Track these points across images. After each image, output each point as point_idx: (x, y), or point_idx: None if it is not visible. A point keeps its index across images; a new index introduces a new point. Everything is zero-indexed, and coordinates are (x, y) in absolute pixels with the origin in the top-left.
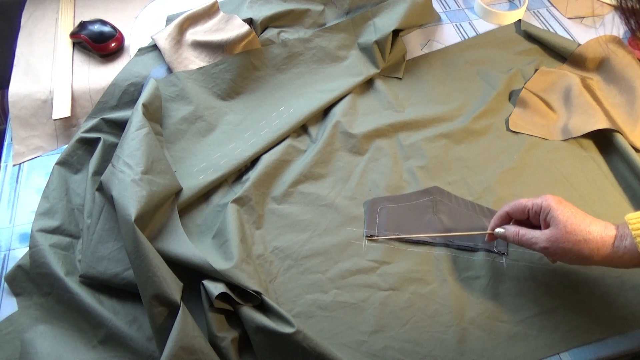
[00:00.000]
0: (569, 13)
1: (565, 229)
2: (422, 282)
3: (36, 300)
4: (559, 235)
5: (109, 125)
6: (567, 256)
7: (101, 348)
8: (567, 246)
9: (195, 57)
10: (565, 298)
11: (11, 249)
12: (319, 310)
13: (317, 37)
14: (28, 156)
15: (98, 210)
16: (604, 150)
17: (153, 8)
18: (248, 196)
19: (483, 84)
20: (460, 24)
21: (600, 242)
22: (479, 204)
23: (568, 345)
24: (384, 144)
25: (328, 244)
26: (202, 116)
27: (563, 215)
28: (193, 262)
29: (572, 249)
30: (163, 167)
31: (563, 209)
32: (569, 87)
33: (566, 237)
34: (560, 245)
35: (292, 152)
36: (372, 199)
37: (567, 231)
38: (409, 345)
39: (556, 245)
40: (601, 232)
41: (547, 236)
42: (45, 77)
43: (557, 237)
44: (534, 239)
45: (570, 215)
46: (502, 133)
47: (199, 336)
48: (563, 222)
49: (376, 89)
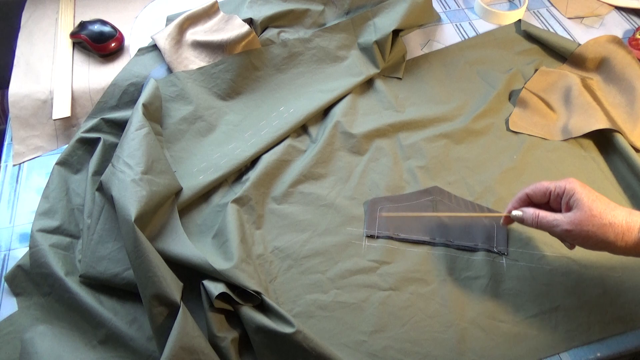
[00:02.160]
0: (569, 13)
1: (590, 212)
2: (422, 282)
3: (36, 300)
4: (583, 218)
5: (109, 125)
6: (589, 240)
7: (101, 348)
8: (591, 229)
9: (195, 57)
10: (565, 298)
11: (11, 249)
12: (319, 310)
13: (317, 37)
14: (28, 156)
15: (98, 210)
16: (604, 150)
17: (153, 8)
18: (248, 196)
19: (483, 84)
20: (460, 24)
21: (625, 227)
22: (479, 204)
23: (568, 345)
24: (384, 144)
25: (328, 244)
26: (202, 116)
27: (588, 198)
28: (193, 262)
29: (597, 233)
30: (163, 167)
31: (588, 192)
32: (569, 87)
33: (591, 220)
34: (584, 228)
35: (292, 152)
36: (372, 199)
37: (592, 214)
38: (409, 345)
39: (580, 228)
40: (626, 217)
41: (570, 219)
42: (45, 77)
43: (582, 219)
44: (555, 221)
45: (595, 198)
46: (502, 133)
47: (199, 336)
48: (588, 205)
49: (376, 89)
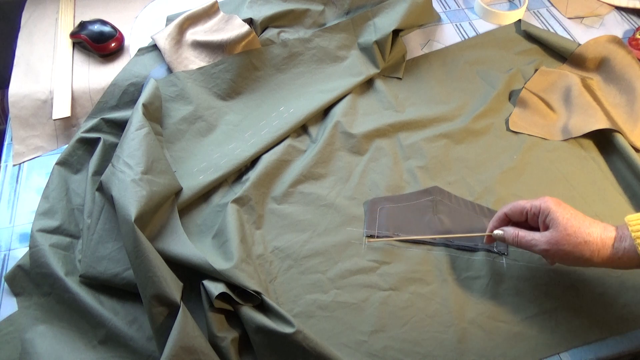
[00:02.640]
0: (569, 13)
1: (565, 231)
2: (422, 282)
3: (36, 300)
4: (559, 237)
5: (109, 125)
6: (567, 258)
7: (101, 348)
8: (567, 248)
9: (195, 57)
10: (565, 298)
11: (11, 249)
12: (319, 310)
13: (317, 37)
14: (28, 156)
15: (98, 210)
16: (604, 150)
17: (153, 8)
18: (248, 196)
19: (483, 84)
20: (460, 24)
21: (600, 243)
22: (479, 204)
23: (568, 345)
24: (384, 144)
25: (328, 244)
26: (202, 116)
27: (563, 218)
28: (193, 262)
29: (573, 251)
30: (163, 167)
31: (562, 210)
32: (569, 87)
33: (566, 239)
34: (560, 247)
35: (292, 152)
36: (372, 199)
37: (567, 233)
38: (409, 345)
39: (557, 247)
40: (601, 233)
41: (547, 238)
42: (45, 77)
43: (558, 239)
44: (534, 241)
45: (570, 217)
46: (502, 133)
47: (199, 336)
48: (563, 225)
49: (376, 89)
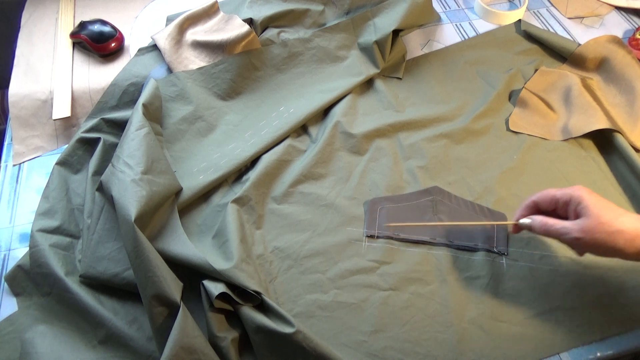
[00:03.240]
0: (569, 13)
1: (598, 219)
2: (422, 282)
3: (36, 300)
4: (592, 225)
5: (109, 125)
6: (599, 248)
7: (101, 348)
8: (601, 237)
9: (195, 57)
10: (565, 298)
11: (11, 249)
12: (319, 310)
13: (317, 37)
14: (28, 156)
15: (98, 210)
16: (604, 150)
17: (153, 8)
18: (248, 196)
19: (483, 84)
20: (460, 24)
21: (634, 233)
22: (479, 204)
23: (568, 345)
24: (384, 144)
25: (328, 244)
26: (202, 116)
27: (595, 206)
28: (193, 262)
29: (606, 240)
30: (163, 167)
31: (595, 199)
32: (569, 87)
33: (600, 227)
34: (593, 236)
35: (292, 152)
36: (372, 199)
37: (600, 222)
38: (409, 345)
39: (590, 236)
40: (635, 223)
41: (579, 226)
42: (45, 77)
43: (591, 227)
44: (564, 229)
45: (602, 206)
46: (502, 133)
47: (199, 336)
48: (596, 213)
49: (376, 89)
